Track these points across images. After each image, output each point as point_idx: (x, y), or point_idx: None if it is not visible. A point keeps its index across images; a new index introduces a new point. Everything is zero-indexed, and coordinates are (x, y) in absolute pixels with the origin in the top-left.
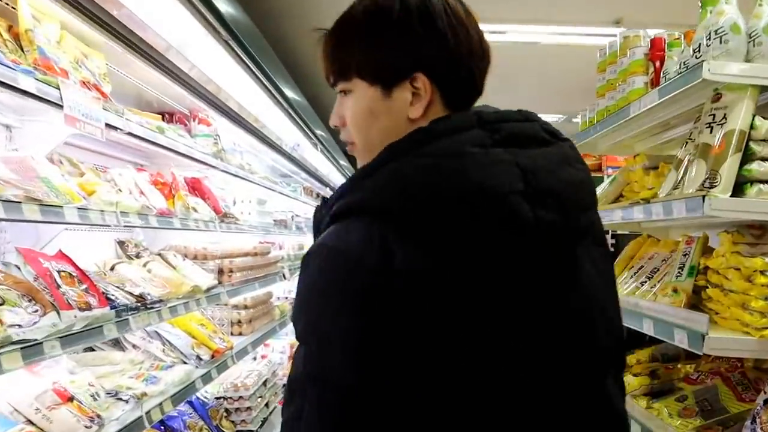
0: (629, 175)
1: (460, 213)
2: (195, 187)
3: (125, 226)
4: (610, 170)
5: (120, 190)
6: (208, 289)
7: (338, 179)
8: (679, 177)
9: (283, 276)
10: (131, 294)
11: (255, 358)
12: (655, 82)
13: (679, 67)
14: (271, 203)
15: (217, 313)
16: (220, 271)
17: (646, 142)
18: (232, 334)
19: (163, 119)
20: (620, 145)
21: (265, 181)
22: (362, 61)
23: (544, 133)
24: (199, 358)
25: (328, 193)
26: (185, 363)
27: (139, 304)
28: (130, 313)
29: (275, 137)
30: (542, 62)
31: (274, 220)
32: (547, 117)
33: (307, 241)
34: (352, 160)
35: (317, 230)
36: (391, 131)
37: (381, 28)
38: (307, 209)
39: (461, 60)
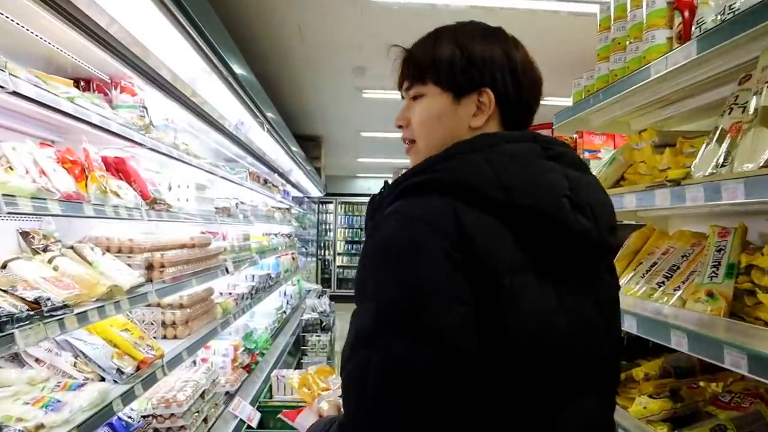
0: (633, 154)
1: (523, 200)
2: (119, 168)
3: (9, 214)
4: (587, 153)
5: (12, 168)
6: (133, 289)
7: (287, 164)
8: (723, 152)
9: (226, 270)
10: (23, 299)
11: (195, 363)
12: (684, 36)
13: (723, 12)
14: (214, 189)
15: (147, 315)
16: (150, 267)
17: (644, 119)
18: (165, 337)
19: (77, 86)
20: (614, 123)
21: (204, 164)
22: (443, 69)
23: (579, 161)
24: (120, 371)
25: (276, 179)
26: (103, 379)
27: (32, 312)
28: (16, 325)
29: (217, 115)
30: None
31: (216, 208)
32: None
33: (254, 230)
34: (305, 146)
35: (374, 211)
36: (452, 135)
37: (469, 44)
38: (254, 196)
39: (524, 88)
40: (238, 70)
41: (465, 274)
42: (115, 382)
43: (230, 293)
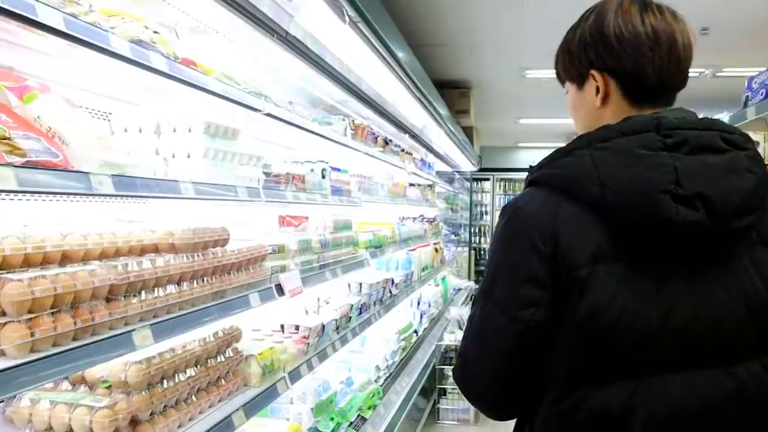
0: None
1: (617, 198)
2: None
3: None
4: None
5: None
6: None
7: (417, 116)
8: None
9: (279, 289)
10: None
11: None
12: None
13: None
14: (303, 150)
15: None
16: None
17: None
18: None
19: None
20: None
21: (229, 88)
22: (561, 66)
23: (720, 142)
24: None
25: (410, 144)
26: None
27: None
28: None
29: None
30: None
31: (270, 175)
32: None
33: (366, 214)
34: (447, 95)
35: None
36: (586, 118)
37: (569, 35)
38: (365, 161)
39: (627, 55)
40: None
41: (547, 263)
42: None
43: (296, 327)
